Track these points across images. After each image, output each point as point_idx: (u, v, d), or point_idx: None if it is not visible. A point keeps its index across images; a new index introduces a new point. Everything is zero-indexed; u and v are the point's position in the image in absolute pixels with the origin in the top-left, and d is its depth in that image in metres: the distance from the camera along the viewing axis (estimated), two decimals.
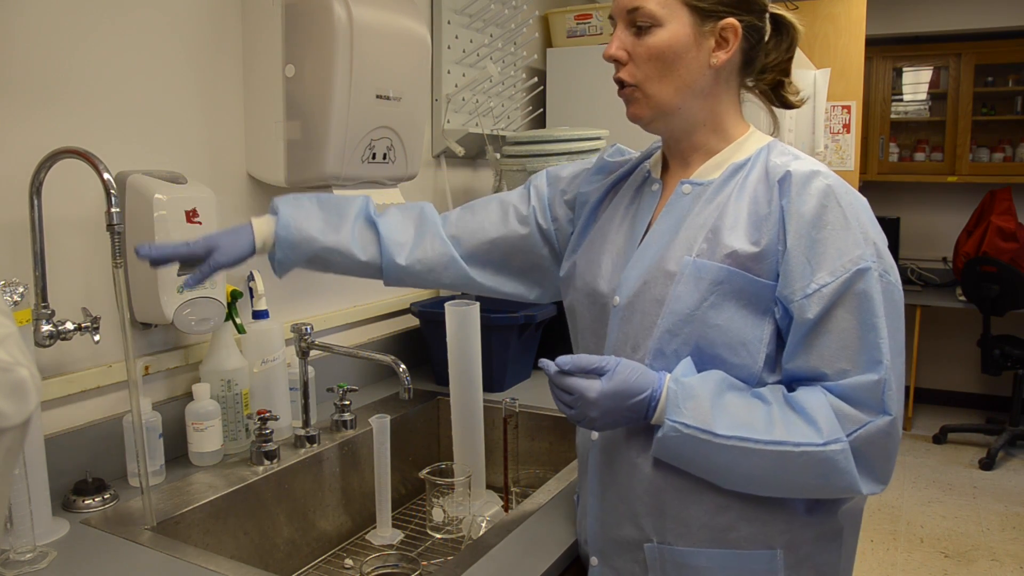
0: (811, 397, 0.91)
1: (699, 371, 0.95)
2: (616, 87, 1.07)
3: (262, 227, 1.13)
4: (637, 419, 0.94)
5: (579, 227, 1.15)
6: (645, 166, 1.12)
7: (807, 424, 0.89)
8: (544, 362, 0.96)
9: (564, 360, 0.94)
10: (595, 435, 1.04)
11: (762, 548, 0.95)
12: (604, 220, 1.12)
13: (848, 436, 0.89)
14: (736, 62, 1.00)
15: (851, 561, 1.04)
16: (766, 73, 1.04)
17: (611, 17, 1.04)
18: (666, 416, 0.92)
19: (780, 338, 0.95)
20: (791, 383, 0.95)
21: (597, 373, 0.93)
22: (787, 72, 1.04)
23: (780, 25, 1.03)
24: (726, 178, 0.99)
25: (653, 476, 0.97)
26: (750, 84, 1.05)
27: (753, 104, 1.08)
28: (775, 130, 1.08)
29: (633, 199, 1.10)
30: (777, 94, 1.06)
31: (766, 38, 1.02)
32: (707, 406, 0.90)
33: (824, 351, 0.90)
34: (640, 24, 0.98)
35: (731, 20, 0.96)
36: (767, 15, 1.01)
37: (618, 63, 1.02)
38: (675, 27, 0.96)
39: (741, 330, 0.93)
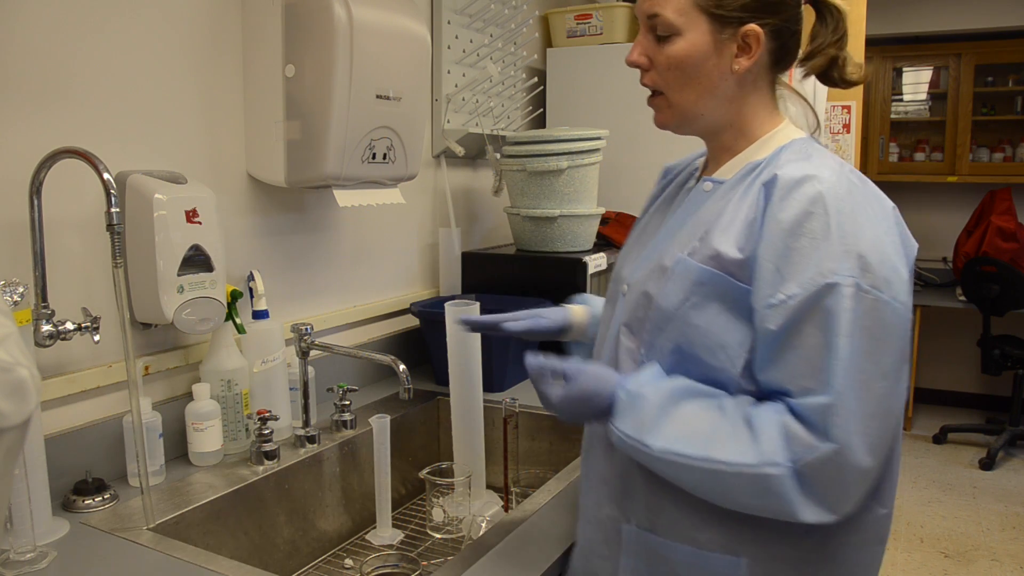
0: (765, 414, 0.87)
1: (679, 371, 0.93)
2: (631, 91, 1.09)
3: (581, 313, 1.24)
4: (601, 418, 0.95)
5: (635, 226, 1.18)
6: (695, 164, 1.13)
7: (751, 442, 0.85)
8: (525, 359, 0.99)
9: (530, 363, 0.98)
10: None
11: (727, 554, 0.92)
12: (648, 215, 1.15)
13: (793, 459, 0.84)
14: (764, 62, 0.98)
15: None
16: (816, 57, 1.02)
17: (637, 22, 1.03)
18: (610, 422, 0.93)
19: None
20: (761, 395, 0.91)
21: (562, 377, 0.96)
22: (840, 49, 1.02)
23: (822, 8, 1.02)
24: (740, 178, 0.97)
25: (624, 459, 0.98)
26: (803, 70, 1.04)
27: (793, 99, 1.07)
28: (816, 128, 1.06)
29: (675, 195, 1.12)
30: (829, 76, 1.03)
31: (801, 28, 1.00)
32: (648, 418, 0.90)
33: (789, 366, 0.86)
34: (659, 33, 0.97)
35: (753, 26, 0.94)
36: (800, 7, 0.99)
37: (641, 67, 1.01)
38: (694, 36, 0.95)
39: (721, 334, 0.90)
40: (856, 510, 0.88)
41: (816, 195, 0.87)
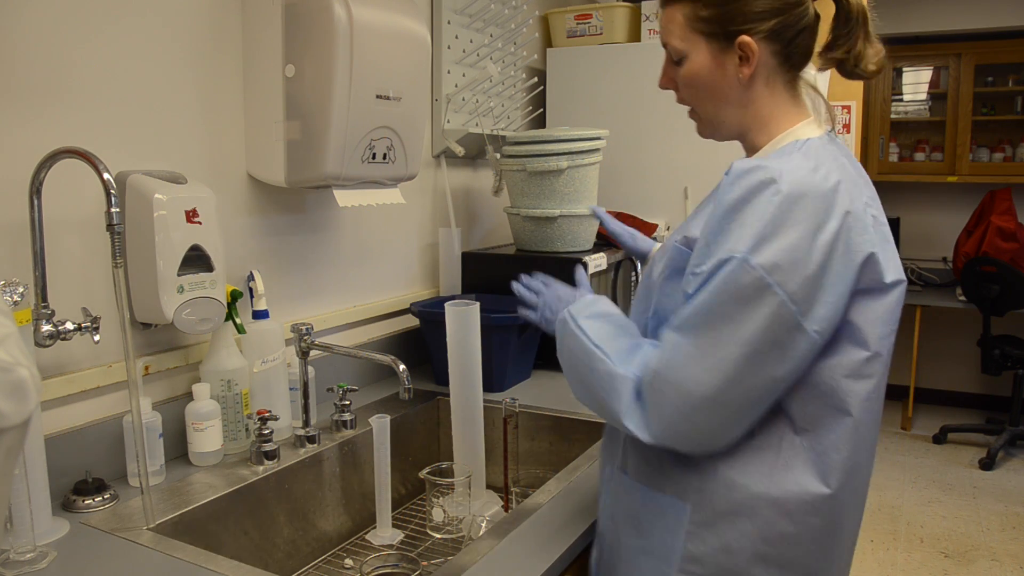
0: (647, 340, 1.05)
1: (653, 328, 1.08)
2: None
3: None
4: (554, 314, 1.19)
5: None
6: None
7: (629, 352, 1.03)
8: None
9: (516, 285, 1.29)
10: None
11: (677, 499, 1.04)
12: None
13: (640, 375, 0.99)
14: (772, 64, 1.04)
15: (785, 555, 1.00)
16: (833, 50, 1.07)
17: None
18: (567, 309, 1.13)
19: None
20: None
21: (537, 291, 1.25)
22: (856, 42, 1.06)
23: (838, 1, 1.05)
24: None
25: None
26: (819, 64, 1.09)
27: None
28: (830, 122, 1.12)
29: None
30: (845, 68, 1.08)
31: (810, 24, 1.04)
32: (595, 312, 1.11)
33: (678, 313, 0.99)
34: (673, 58, 1.10)
35: (744, 38, 1.01)
36: (802, 5, 1.02)
37: (671, 89, 1.14)
38: (696, 56, 1.06)
39: (676, 303, 1.01)
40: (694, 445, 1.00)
41: (759, 184, 0.94)
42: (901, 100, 5.12)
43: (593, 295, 1.18)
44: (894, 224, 4.98)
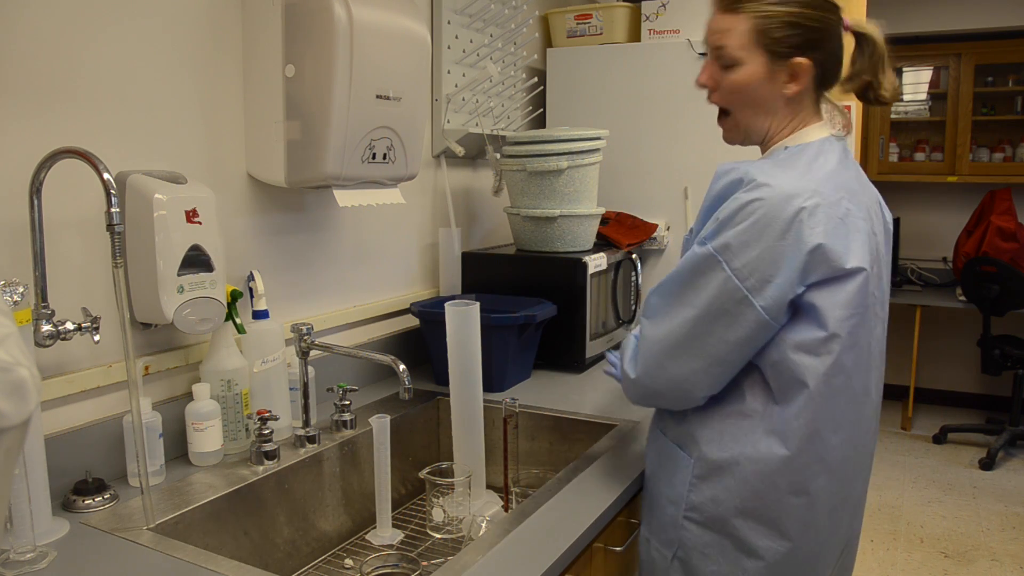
0: None
1: None
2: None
3: None
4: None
5: None
6: None
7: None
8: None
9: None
10: None
11: (686, 452, 1.23)
12: None
13: (636, 333, 1.27)
14: (810, 85, 1.19)
15: (757, 511, 1.16)
16: (854, 80, 1.23)
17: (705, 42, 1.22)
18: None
19: None
20: None
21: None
22: (875, 74, 1.22)
23: (861, 38, 1.22)
24: None
25: None
26: (840, 90, 1.24)
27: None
28: (847, 127, 1.27)
29: None
30: (865, 96, 1.24)
31: (842, 55, 1.20)
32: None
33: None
34: (723, 62, 1.17)
35: (801, 60, 1.15)
36: (841, 39, 1.19)
37: (708, 90, 1.21)
38: (752, 66, 1.16)
39: None
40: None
41: (734, 182, 1.13)
42: (901, 100, 5.12)
43: None
44: (894, 224, 4.96)
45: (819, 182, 1.11)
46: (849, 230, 1.11)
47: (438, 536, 1.42)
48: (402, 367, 1.36)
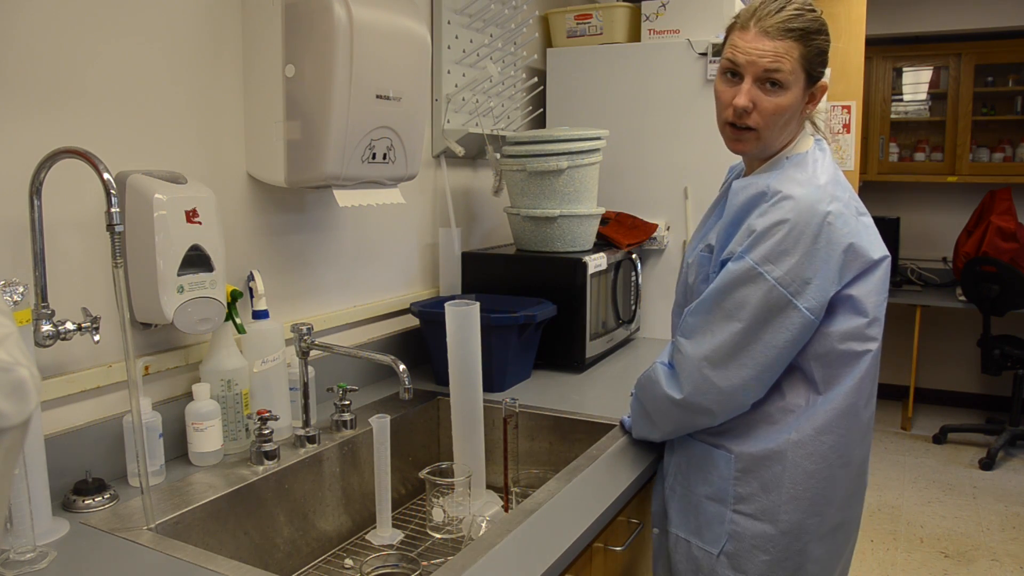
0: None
1: None
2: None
3: None
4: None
5: None
6: (742, 165, 1.43)
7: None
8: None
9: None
10: None
11: (724, 450, 1.30)
12: (711, 206, 1.46)
13: (670, 358, 1.33)
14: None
15: (813, 500, 1.26)
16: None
17: (731, 63, 1.24)
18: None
19: None
20: None
21: None
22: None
23: None
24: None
25: None
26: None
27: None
28: (817, 131, 1.35)
29: (724, 193, 1.41)
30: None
31: None
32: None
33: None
34: (772, 82, 1.21)
35: (824, 82, 1.26)
36: None
37: (745, 112, 1.24)
38: (796, 91, 1.23)
39: None
40: (719, 407, 1.27)
41: (753, 198, 1.22)
42: (901, 100, 5.12)
43: None
44: (894, 224, 4.98)
45: (828, 185, 1.22)
46: (863, 224, 1.24)
47: (438, 536, 1.42)
48: (402, 367, 1.36)
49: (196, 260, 1.28)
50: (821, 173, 1.24)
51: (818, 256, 1.18)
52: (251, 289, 1.52)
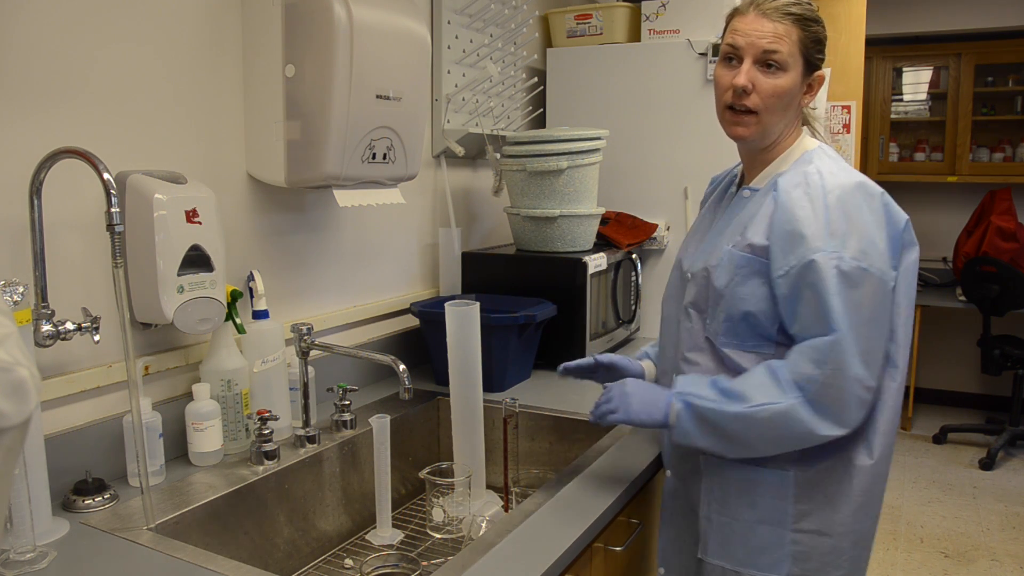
0: (780, 365, 1.18)
1: (731, 334, 1.24)
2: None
3: (651, 368, 1.51)
4: (659, 408, 1.25)
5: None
6: (735, 172, 1.42)
7: (772, 387, 1.16)
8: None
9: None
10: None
11: (779, 469, 1.23)
12: (701, 215, 1.45)
13: (803, 390, 1.14)
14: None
15: (869, 502, 1.24)
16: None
17: (731, 47, 1.24)
18: (675, 389, 1.24)
19: None
20: (792, 343, 1.21)
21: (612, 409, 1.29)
22: None
23: None
24: (770, 187, 1.25)
25: None
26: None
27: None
28: (816, 134, 1.34)
29: (720, 198, 1.41)
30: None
31: None
32: (704, 386, 1.23)
33: (801, 319, 1.17)
34: (770, 63, 1.21)
35: (822, 72, 1.25)
36: None
37: (744, 92, 1.22)
38: (794, 74, 1.22)
39: (760, 300, 1.21)
40: (861, 425, 1.18)
41: (803, 193, 1.18)
42: (901, 100, 5.12)
43: (663, 394, 1.27)
44: None
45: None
46: None
47: (438, 536, 1.42)
48: (402, 367, 1.36)
49: (196, 260, 1.28)
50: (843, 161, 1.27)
51: (889, 238, 1.19)
52: (251, 289, 1.52)
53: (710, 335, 1.27)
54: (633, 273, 2.28)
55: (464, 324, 1.45)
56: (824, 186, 1.18)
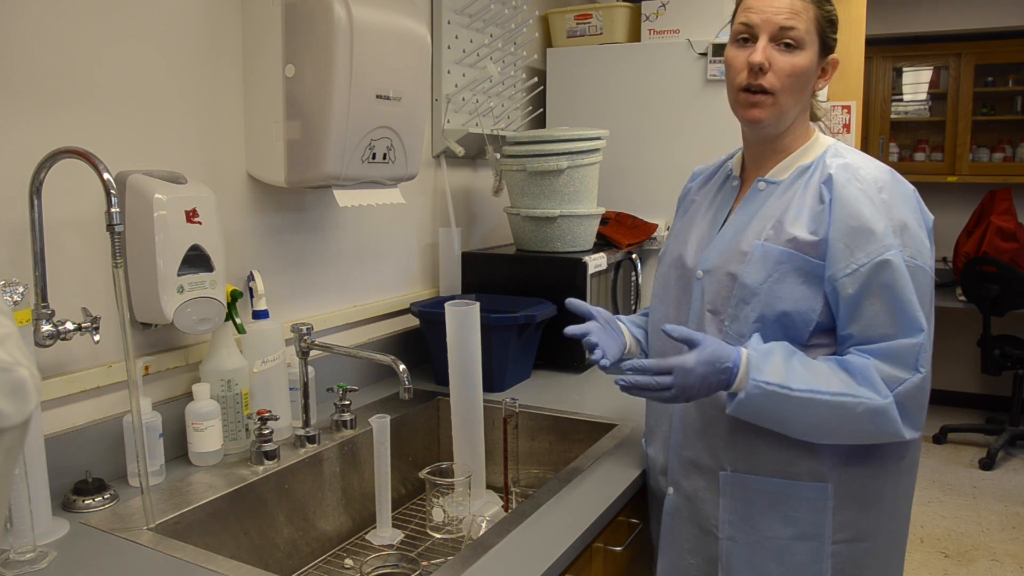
0: (859, 361, 1.12)
1: (763, 334, 1.16)
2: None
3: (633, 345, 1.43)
4: (721, 385, 1.13)
5: (676, 219, 1.42)
6: (728, 165, 1.35)
7: (862, 383, 1.10)
8: (633, 362, 1.15)
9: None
10: None
11: (816, 481, 1.17)
12: (693, 209, 1.37)
13: (892, 392, 1.10)
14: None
15: (902, 498, 1.23)
16: None
17: (745, 25, 1.19)
18: (749, 377, 1.11)
19: (829, 308, 1.16)
20: (842, 347, 1.16)
21: (689, 346, 1.13)
22: None
23: None
24: (794, 178, 1.21)
25: (730, 419, 1.19)
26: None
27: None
28: (826, 130, 1.30)
29: (717, 192, 1.34)
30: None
31: None
32: (781, 367, 1.11)
33: (867, 320, 1.12)
34: (787, 42, 1.16)
35: (835, 56, 1.22)
36: None
37: (761, 71, 1.17)
38: (811, 53, 1.18)
39: (799, 300, 1.15)
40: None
41: (860, 189, 1.13)
42: (901, 100, 5.12)
43: (732, 348, 1.14)
44: None
45: None
46: None
47: (438, 536, 1.42)
48: (402, 367, 1.36)
49: (196, 260, 1.28)
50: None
51: (925, 230, 1.17)
52: (251, 289, 1.52)
53: (730, 337, 1.18)
54: (633, 273, 2.28)
55: (464, 324, 1.45)
56: (874, 181, 1.14)
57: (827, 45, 1.20)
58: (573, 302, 1.39)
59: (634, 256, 2.27)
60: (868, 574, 1.21)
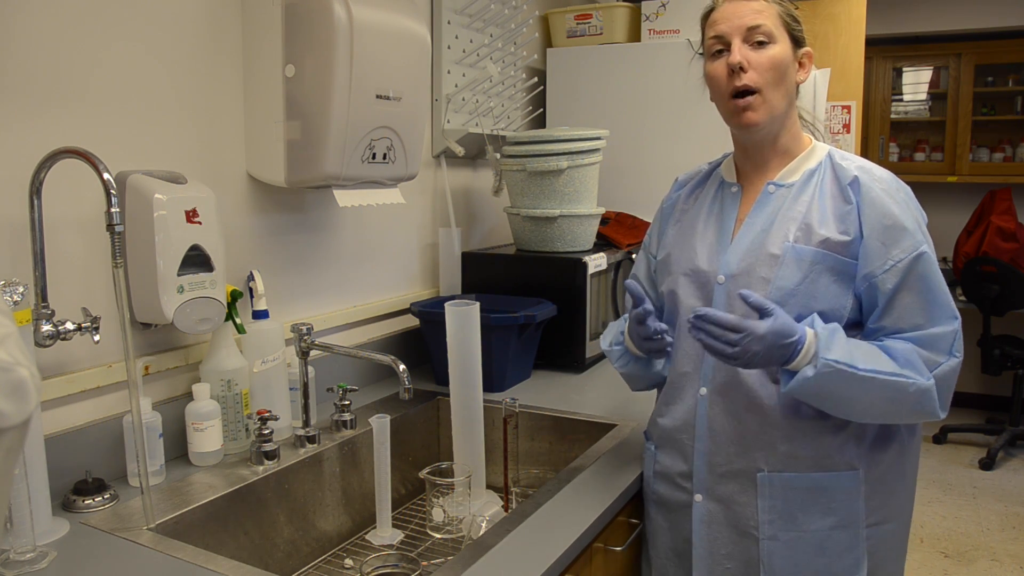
0: (901, 345, 1.17)
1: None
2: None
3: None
4: (780, 360, 1.14)
5: (666, 228, 1.41)
6: (718, 173, 1.37)
7: (905, 365, 1.15)
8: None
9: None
10: (704, 391, 1.26)
11: (849, 469, 1.22)
12: (689, 217, 1.36)
13: (932, 374, 1.16)
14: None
15: (913, 478, 1.31)
16: None
17: (716, 38, 1.23)
18: (819, 356, 1.12)
19: (859, 304, 1.21)
20: (870, 339, 1.20)
21: (761, 314, 1.13)
22: None
23: None
24: (804, 181, 1.25)
25: (760, 421, 1.22)
26: None
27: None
28: (818, 135, 1.34)
29: (713, 199, 1.34)
30: None
31: None
32: (847, 346, 1.14)
33: (900, 312, 1.17)
34: (759, 40, 1.20)
35: (808, 49, 1.25)
36: None
37: (742, 70, 1.20)
38: (783, 46, 1.22)
39: (832, 298, 1.19)
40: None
41: (883, 190, 1.19)
42: (901, 100, 5.12)
43: (798, 325, 1.15)
44: None
45: None
46: None
47: (438, 536, 1.42)
48: (402, 367, 1.36)
49: (196, 260, 1.28)
50: None
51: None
52: (251, 289, 1.52)
53: None
54: None
55: (464, 324, 1.45)
56: (891, 181, 1.21)
57: (796, 39, 1.24)
58: (631, 284, 1.34)
59: (634, 256, 2.27)
60: (893, 554, 1.28)
